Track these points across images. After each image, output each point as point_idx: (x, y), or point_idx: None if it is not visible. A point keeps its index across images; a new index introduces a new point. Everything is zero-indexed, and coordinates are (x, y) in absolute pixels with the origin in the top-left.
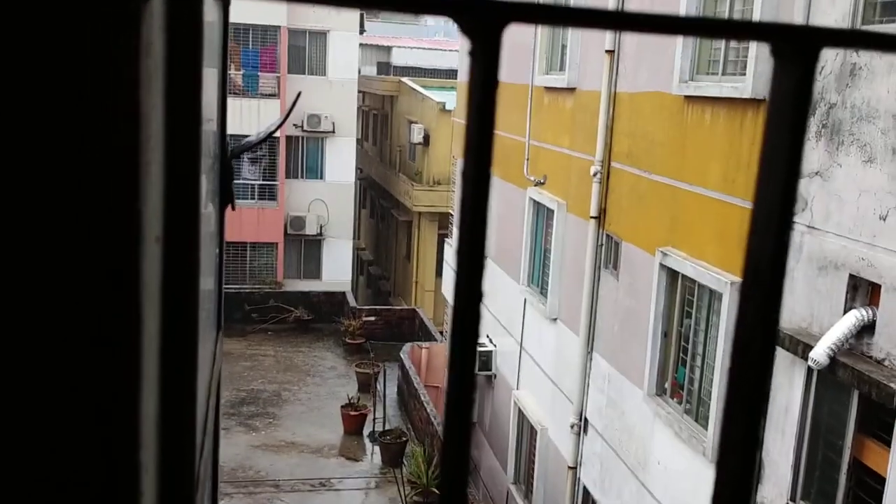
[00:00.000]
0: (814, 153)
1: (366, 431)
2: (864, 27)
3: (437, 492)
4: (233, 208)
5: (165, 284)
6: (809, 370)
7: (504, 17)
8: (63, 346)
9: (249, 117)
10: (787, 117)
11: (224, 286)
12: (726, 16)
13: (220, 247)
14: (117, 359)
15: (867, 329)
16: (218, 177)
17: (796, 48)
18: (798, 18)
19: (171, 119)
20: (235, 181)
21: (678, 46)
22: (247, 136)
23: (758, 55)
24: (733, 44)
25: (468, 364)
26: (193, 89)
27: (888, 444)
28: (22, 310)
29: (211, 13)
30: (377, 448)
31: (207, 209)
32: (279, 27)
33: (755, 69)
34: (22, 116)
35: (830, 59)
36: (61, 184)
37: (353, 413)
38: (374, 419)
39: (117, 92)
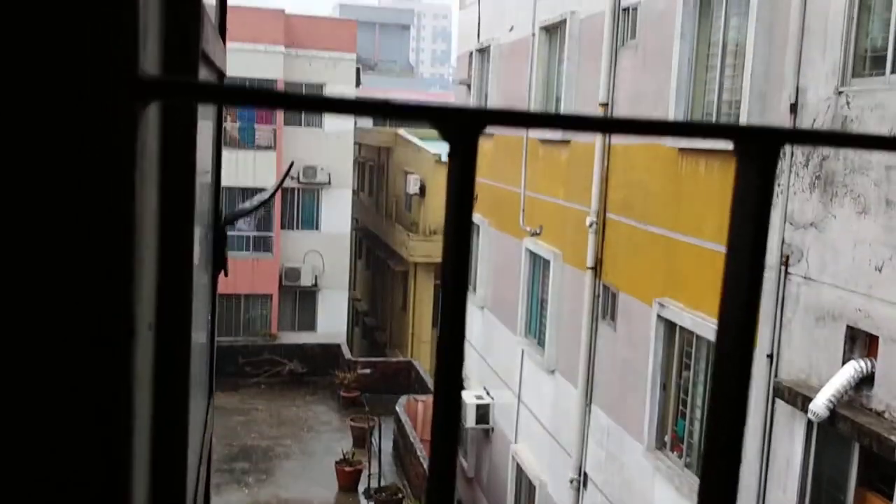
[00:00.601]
0: (808, 204)
1: (361, 488)
2: (854, 79)
3: None
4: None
5: (157, 368)
6: (809, 423)
7: (479, 123)
8: (54, 432)
9: (245, 169)
10: (751, 211)
11: (217, 339)
12: (717, 79)
13: (213, 313)
14: (108, 441)
15: (866, 381)
16: (211, 244)
17: (757, 147)
18: (789, 73)
19: (164, 213)
20: (230, 233)
21: (671, 99)
22: (244, 188)
23: (750, 109)
24: (726, 96)
25: (453, 414)
26: (186, 188)
27: (890, 497)
28: (7, 396)
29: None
30: None
31: (200, 277)
32: (276, 80)
33: (748, 122)
34: (20, 211)
35: (822, 111)
36: (60, 279)
37: (347, 469)
38: (369, 475)
39: (113, 192)
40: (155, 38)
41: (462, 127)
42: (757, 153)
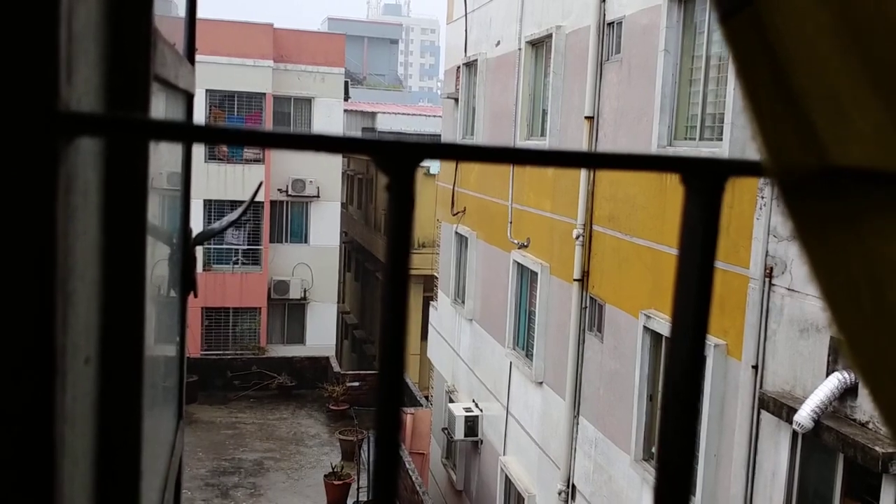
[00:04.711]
0: None
1: (350, 501)
2: None
3: None
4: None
5: (102, 402)
6: (794, 434)
7: (414, 156)
8: None
9: (234, 183)
10: (698, 240)
11: (205, 352)
12: (701, 93)
13: (182, 335)
14: (31, 481)
15: (850, 391)
16: (180, 265)
17: (703, 178)
18: None
19: (110, 244)
20: (219, 246)
21: (656, 112)
22: (233, 201)
23: (734, 122)
24: (710, 110)
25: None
26: (136, 223)
27: None
28: None
29: (173, 106)
30: None
31: (168, 299)
32: (264, 94)
33: (731, 134)
34: None
35: None
36: None
37: (336, 482)
38: (358, 488)
39: (28, 232)
40: (92, 67)
41: (399, 160)
42: (703, 185)
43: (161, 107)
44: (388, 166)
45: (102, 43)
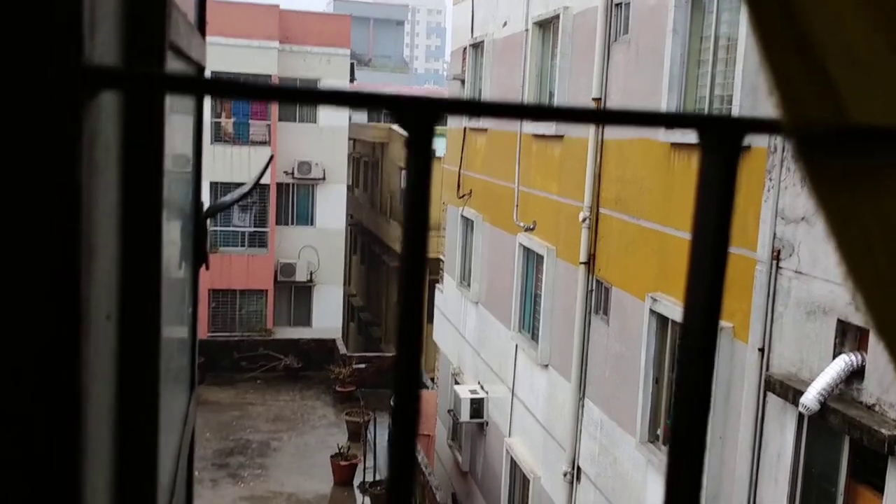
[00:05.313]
0: (799, 199)
1: (356, 482)
2: None
3: None
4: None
5: (123, 359)
6: (800, 416)
7: (434, 112)
8: None
9: (240, 164)
10: (714, 200)
11: (213, 334)
12: (709, 74)
13: (194, 306)
14: (56, 447)
15: (857, 374)
16: (192, 237)
17: (721, 137)
18: None
19: (128, 200)
20: (226, 229)
21: (664, 94)
22: (239, 184)
23: (742, 103)
24: (718, 91)
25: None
26: (153, 175)
27: (881, 489)
28: None
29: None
30: (368, 499)
31: (181, 269)
32: (270, 76)
33: (740, 116)
34: None
35: None
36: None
37: (343, 463)
38: (364, 469)
39: (55, 180)
40: (112, 31)
41: (419, 115)
42: (720, 143)
43: None
44: (409, 122)
45: (121, 5)
